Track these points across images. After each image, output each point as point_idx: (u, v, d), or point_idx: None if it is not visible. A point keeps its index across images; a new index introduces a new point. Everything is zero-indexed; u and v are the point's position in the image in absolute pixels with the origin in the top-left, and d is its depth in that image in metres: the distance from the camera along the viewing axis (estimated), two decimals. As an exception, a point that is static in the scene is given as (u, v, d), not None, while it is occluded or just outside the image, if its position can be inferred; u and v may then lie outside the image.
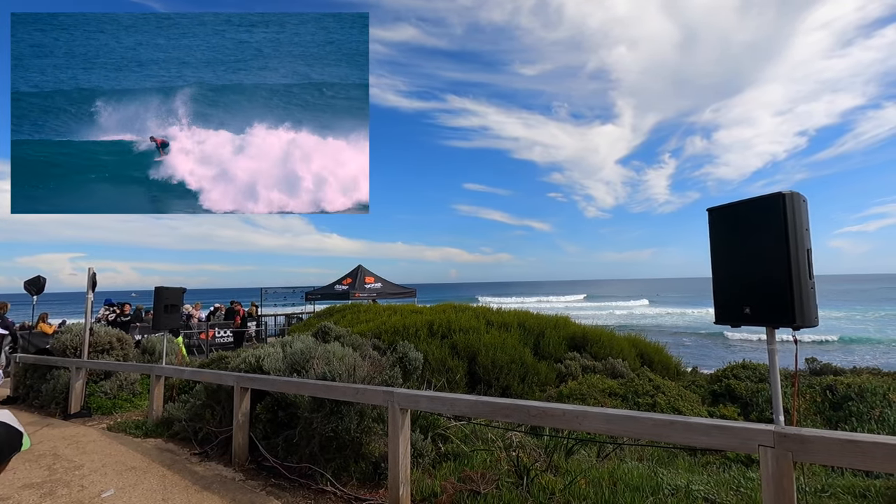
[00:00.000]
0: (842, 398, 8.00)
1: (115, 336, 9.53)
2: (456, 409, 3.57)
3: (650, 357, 11.54)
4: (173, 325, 7.26)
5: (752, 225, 2.46)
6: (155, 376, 7.18)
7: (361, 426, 4.50)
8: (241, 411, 5.28)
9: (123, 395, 8.74)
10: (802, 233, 2.33)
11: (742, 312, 2.47)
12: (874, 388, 7.88)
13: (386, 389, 3.94)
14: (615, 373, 9.67)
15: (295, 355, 5.68)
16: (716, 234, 2.66)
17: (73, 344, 9.04)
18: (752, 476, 4.50)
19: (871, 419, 7.19)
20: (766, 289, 2.35)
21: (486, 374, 8.70)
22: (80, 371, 8.10)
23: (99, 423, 7.57)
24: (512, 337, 10.09)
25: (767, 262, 2.34)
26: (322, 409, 4.58)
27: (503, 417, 3.37)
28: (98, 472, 5.07)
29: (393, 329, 9.88)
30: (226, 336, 18.41)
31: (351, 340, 7.53)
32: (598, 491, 3.69)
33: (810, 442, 2.19)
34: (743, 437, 2.37)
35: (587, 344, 11.04)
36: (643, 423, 2.70)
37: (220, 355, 8.34)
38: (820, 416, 7.86)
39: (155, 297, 7.14)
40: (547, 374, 9.32)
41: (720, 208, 2.64)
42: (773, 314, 2.32)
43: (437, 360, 8.59)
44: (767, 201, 2.37)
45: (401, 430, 3.76)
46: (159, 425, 6.76)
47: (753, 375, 9.53)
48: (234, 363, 6.26)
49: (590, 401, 7.74)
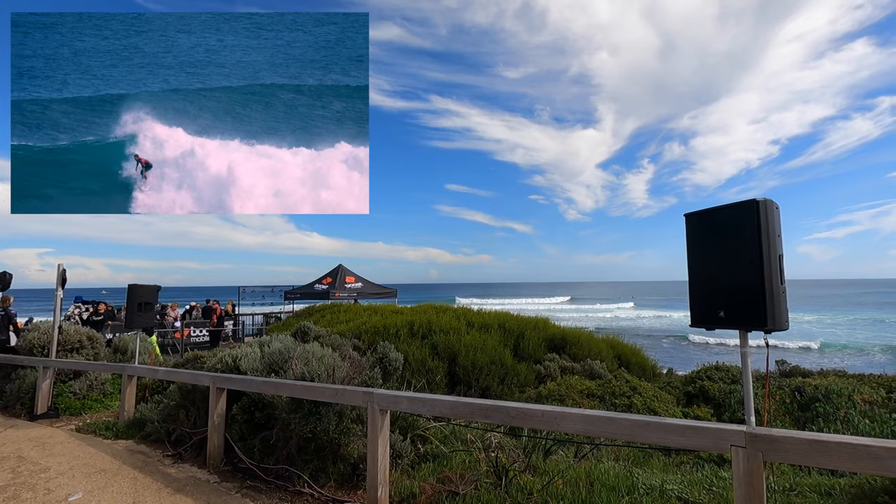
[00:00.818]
0: (810, 399, 8.26)
1: (85, 334, 9.25)
2: (436, 410, 3.57)
3: (627, 358, 11.73)
4: (147, 324, 7.08)
5: (726, 230, 2.51)
6: (127, 376, 7.00)
7: (340, 427, 4.46)
8: (217, 412, 5.18)
9: (93, 395, 8.49)
10: (775, 239, 2.39)
11: (717, 316, 2.53)
12: (840, 390, 8.16)
13: (366, 390, 3.91)
14: (593, 374, 9.79)
15: (273, 355, 5.60)
16: (692, 239, 2.72)
17: (40, 342, 8.73)
18: (723, 475, 4.61)
19: (836, 419, 7.44)
20: (739, 293, 2.41)
21: (467, 375, 8.72)
22: (48, 370, 7.83)
23: (67, 424, 7.34)
24: (492, 338, 10.13)
25: (741, 267, 2.40)
26: (300, 410, 4.53)
27: (483, 418, 3.38)
28: (65, 475, 4.91)
29: (373, 329, 9.82)
30: (201, 335, 18.04)
31: (331, 341, 7.46)
32: (575, 491, 3.74)
33: (780, 442, 2.26)
34: (716, 437, 2.44)
35: (566, 345, 11.16)
36: (620, 423, 2.75)
37: (196, 355, 8.17)
38: (789, 417, 8.11)
39: (128, 294, 6.96)
40: (526, 375, 9.39)
41: (697, 214, 2.69)
42: (746, 318, 2.37)
43: (418, 360, 8.57)
44: (742, 208, 2.43)
45: (380, 432, 3.75)
46: (131, 426, 6.59)
47: (726, 377, 9.78)
48: (211, 363, 6.14)
49: (568, 402, 7.82)
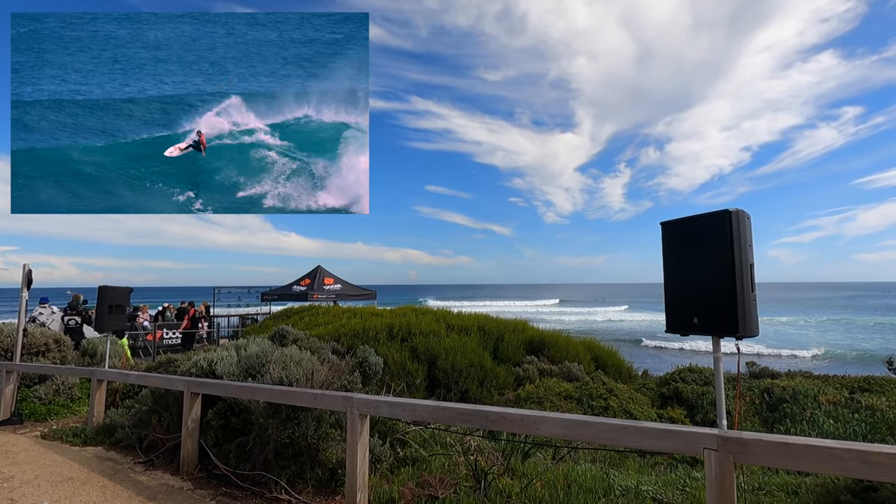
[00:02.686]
0: (777, 400, 8.54)
1: (51, 337, 8.94)
2: (416, 415, 3.57)
3: (604, 360, 11.92)
4: (118, 327, 6.89)
5: (700, 239, 2.59)
6: (97, 380, 6.78)
7: (319, 432, 4.42)
8: (192, 417, 5.07)
9: (60, 400, 8.20)
10: (746, 248, 2.47)
11: (691, 322, 2.60)
12: (806, 391, 8.46)
13: (345, 395, 3.89)
14: (571, 376, 9.92)
15: (250, 359, 5.51)
16: (667, 247, 2.79)
17: (3, 346, 8.41)
18: (696, 476, 4.73)
19: (803, 420, 7.71)
20: (711, 300, 2.48)
21: (446, 379, 8.73)
22: (11, 375, 7.55)
23: (32, 430, 7.08)
24: (472, 341, 10.17)
25: (713, 275, 2.48)
26: (278, 415, 4.47)
27: (463, 423, 3.40)
28: (30, 484, 4.74)
29: (352, 332, 9.75)
30: (174, 337, 17.61)
31: (309, 344, 7.38)
32: (553, 493, 3.78)
33: (750, 445, 2.34)
34: (689, 440, 2.50)
35: (545, 348, 11.28)
36: (598, 427, 2.80)
37: (169, 358, 7.99)
38: (758, 418, 8.37)
39: (99, 296, 6.75)
40: (505, 378, 9.45)
41: (672, 223, 2.77)
42: (718, 325, 2.45)
43: (397, 363, 8.55)
44: (715, 218, 2.50)
45: (359, 436, 3.73)
46: (100, 432, 6.39)
47: (699, 379, 10.03)
48: (185, 367, 6.00)
49: (546, 404, 7.91)
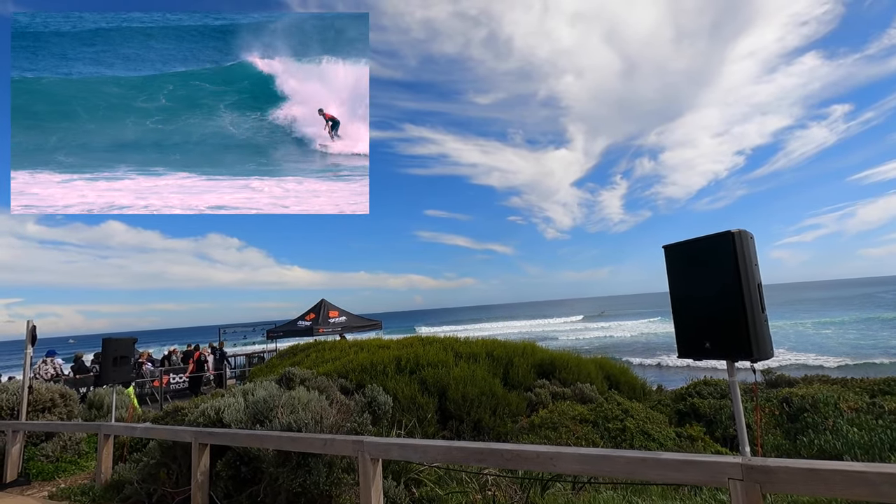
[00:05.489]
0: (797, 410, 8.34)
1: (57, 392, 8.85)
2: (429, 457, 3.48)
3: (617, 378, 11.71)
4: (123, 379, 6.81)
5: (704, 262, 2.55)
6: (103, 435, 6.67)
7: (331, 478, 4.31)
8: (201, 469, 4.96)
9: (68, 456, 8.06)
10: (752, 268, 2.44)
11: (703, 347, 2.55)
12: (826, 399, 8.26)
13: (355, 439, 3.80)
14: (584, 398, 9.73)
15: (258, 404, 5.42)
16: (672, 271, 2.75)
17: (9, 404, 8.32)
18: (722, 498, 4.59)
19: (825, 429, 7.50)
20: (723, 325, 2.43)
21: (458, 409, 8.57)
22: (18, 434, 7.43)
23: (39, 490, 6.94)
24: (481, 368, 10.02)
25: (722, 298, 2.43)
26: (288, 463, 4.37)
27: (477, 462, 3.31)
28: (38, 551, 4.61)
29: (360, 367, 9.62)
30: (181, 382, 17.43)
31: (317, 383, 7.28)
32: (575, 529, 3.65)
33: (776, 473, 2.25)
34: (712, 471, 2.42)
35: (555, 370, 11.10)
36: (616, 461, 2.72)
37: (176, 406, 7.88)
38: (779, 429, 8.16)
39: (103, 349, 6.71)
40: (517, 404, 9.27)
41: (675, 246, 2.74)
42: (732, 349, 2.40)
43: (407, 397, 8.40)
44: (718, 240, 2.47)
45: (372, 482, 3.63)
46: (108, 489, 6.25)
47: (715, 392, 9.83)
48: (192, 416, 5.91)
49: (561, 429, 7.73)
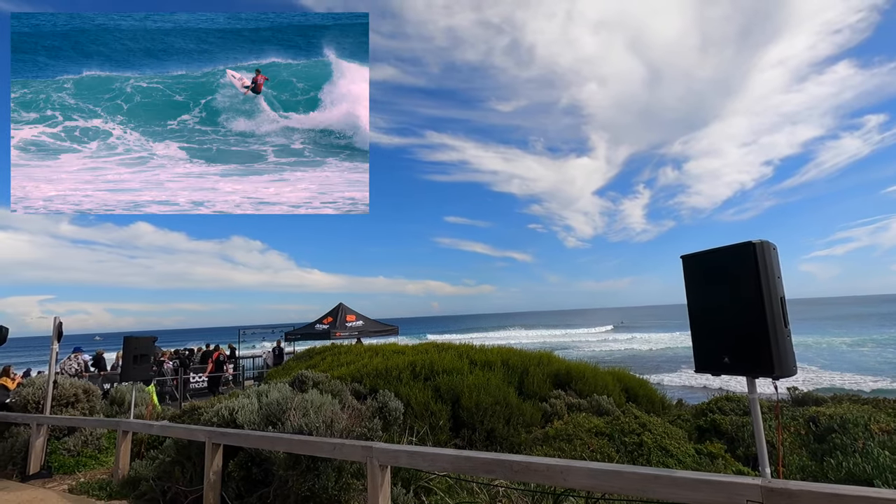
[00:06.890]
0: (825, 430, 7.99)
1: (80, 388, 9.07)
2: (437, 465, 3.43)
3: (635, 391, 11.44)
4: (143, 377, 6.95)
5: (724, 273, 2.45)
6: (122, 432, 6.80)
7: (340, 483, 4.29)
8: (213, 469, 5.01)
9: (88, 451, 8.24)
10: (775, 281, 2.33)
11: (721, 362, 2.45)
12: (856, 419, 7.91)
13: (364, 445, 3.78)
14: (600, 410, 9.53)
15: (271, 406, 5.46)
16: (691, 282, 2.65)
17: (34, 398, 8.56)
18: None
19: (854, 451, 7.17)
20: (742, 339, 2.33)
21: (471, 418, 8.47)
22: (42, 427, 7.63)
23: (60, 483, 7.10)
24: (496, 376, 9.90)
25: (743, 312, 2.33)
26: (298, 466, 4.37)
27: (486, 473, 3.25)
28: (54, 543, 4.70)
29: (374, 372, 9.61)
30: (201, 381, 17.73)
31: (330, 387, 7.30)
32: (587, 546, 3.55)
33: (797, 496, 2.15)
34: (730, 492, 2.32)
35: (571, 381, 10.91)
36: (628, 478, 2.63)
37: (193, 406, 7.99)
38: (805, 450, 7.82)
39: (124, 347, 6.86)
40: (532, 415, 9.13)
41: (693, 256, 2.64)
42: (752, 365, 2.29)
43: (420, 403, 8.35)
44: (739, 251, 2.37)
45: (380, 489, 3.59)
46: (125, 485, 6.36)
47: (738, 408, 9.51)
48: (207, 416, 5.99)
49: (576, 441, 7.57)
